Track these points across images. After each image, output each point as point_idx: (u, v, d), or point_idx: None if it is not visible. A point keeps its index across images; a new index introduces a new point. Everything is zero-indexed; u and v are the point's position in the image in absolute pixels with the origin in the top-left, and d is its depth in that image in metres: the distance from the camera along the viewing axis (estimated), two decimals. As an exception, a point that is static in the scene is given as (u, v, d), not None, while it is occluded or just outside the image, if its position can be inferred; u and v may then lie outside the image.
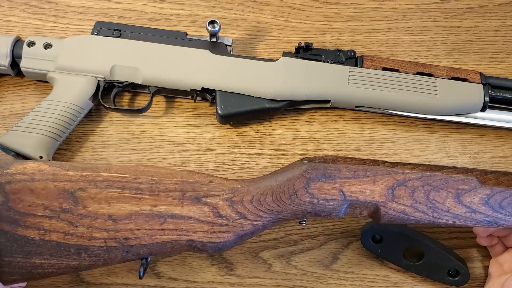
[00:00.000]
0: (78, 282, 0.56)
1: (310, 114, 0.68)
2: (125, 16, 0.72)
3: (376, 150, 0.66)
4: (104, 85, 0.63)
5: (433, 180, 0.49)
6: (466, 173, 0.51)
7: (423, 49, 0.74)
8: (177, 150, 0.64)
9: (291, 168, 0.50)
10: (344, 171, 0.48)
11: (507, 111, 0.67)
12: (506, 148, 0.68)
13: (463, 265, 0.57)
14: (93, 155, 0.63)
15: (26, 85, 0.67)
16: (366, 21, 0.76)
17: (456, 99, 0.65)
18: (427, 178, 0.49)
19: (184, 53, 0.64)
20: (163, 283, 0.57)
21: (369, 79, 0.65)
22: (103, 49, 0.64)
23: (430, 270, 0.57)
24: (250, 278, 0.58)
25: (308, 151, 0.66)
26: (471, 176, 0.49)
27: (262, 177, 0.51)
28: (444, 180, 0.49)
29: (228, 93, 0.63)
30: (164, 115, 0.66)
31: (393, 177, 0.48)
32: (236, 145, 0.65)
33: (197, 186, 0.48)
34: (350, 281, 0.59)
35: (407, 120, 0.69)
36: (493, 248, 0.59)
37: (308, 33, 0.74)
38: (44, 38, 0.64)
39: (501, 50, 0.75)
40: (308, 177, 0.48)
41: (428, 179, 0.49)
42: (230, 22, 0.74)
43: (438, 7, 0.78)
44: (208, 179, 0.49)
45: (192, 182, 0.48)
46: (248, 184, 0.50)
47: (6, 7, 0.71)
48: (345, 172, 0.48)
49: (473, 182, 0.49)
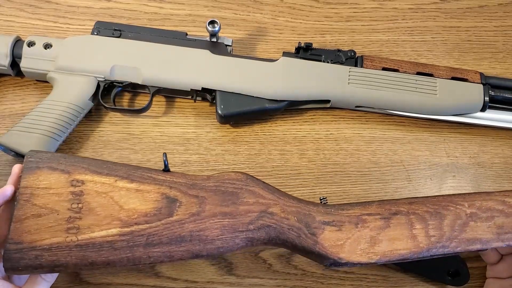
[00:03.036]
0: (78, 282, 0.56)
1: (310, 114, 0.68)
2: (125, 16, 0.72)
3: (376, 150, 0.66)
4: (104, 85, 0.63)
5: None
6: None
7: (423, 49, 0.74)
8: (177, 150, 0.64)
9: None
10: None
11: (507, 111, 0.67)
12: (506, 148, 0.68)
13: (463, 265, 0.57)
14: (93, 155, 0.63)
15: (26, 85, 0.67)
16: (366, 21, 0.76)
17: (456, 99, 0.65)
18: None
19: (184, 53, 0.64)
20: (163, 283, 0.57)
21: (369, 79, 0.65)
22: (103, 49, 0.64)
23: (430, 270, 0.57)
24: (250, 278, 0.58)
25: (308, 151, 0.66)
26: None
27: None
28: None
29: (228, 93, 0.63)
30: (164, 115, 0.66)
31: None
32: (236, 145, 0.65)
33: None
34: (350, 281, 0.59)
35: (407, 120, 0.69)
36: (488, 256, 0.57)
37: (308, 33, 0.74)
38: (44, 38, 0.64)
39: (501, 50, 0.75)
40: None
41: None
42: (230, 22, 0.74)
43: (438, 7, 0.78)
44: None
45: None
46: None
47: (6, 7, 0.71)
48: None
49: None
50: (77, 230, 0.46)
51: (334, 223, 0.48)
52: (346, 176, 0.64)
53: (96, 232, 0.46)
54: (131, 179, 0.48)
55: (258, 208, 0.48)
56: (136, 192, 0.47)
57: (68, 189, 0.47)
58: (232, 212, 0.47)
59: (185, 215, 0.47)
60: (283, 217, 0.48)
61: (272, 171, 0.64)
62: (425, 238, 0.48)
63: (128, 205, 0.47)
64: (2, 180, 0.60)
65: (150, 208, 0.47)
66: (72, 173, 0.47)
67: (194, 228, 0.47)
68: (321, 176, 0.64)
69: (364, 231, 0.48)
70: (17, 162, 0.61)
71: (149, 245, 0.46)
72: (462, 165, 0.66)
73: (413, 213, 0.49)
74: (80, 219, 0.46)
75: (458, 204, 0.49)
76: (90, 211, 0.46)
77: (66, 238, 0.45)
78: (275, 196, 0.49)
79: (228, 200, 0.48)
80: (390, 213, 0.49)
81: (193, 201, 0.47)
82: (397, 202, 0.50)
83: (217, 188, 0.49)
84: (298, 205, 0.49)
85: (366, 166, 0.65)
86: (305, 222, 0.48)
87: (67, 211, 0.46)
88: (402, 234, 0.48)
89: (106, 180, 0.47)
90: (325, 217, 0.48)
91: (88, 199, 0.46)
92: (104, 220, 0.46)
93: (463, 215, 0.49)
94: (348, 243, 0.47)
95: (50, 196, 0.46)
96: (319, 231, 0.48)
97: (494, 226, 0.49)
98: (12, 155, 0.59)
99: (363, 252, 0.47)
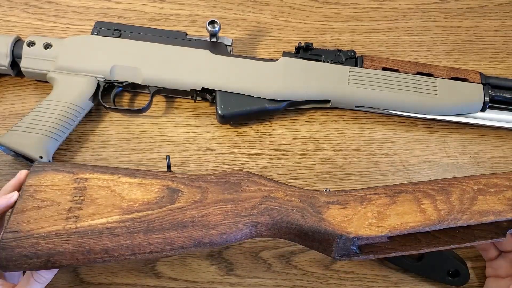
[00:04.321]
0: (78, 281, 0.56)
1: (310, 114, 0.68)
2: (125, 16, 0.72)
3: (376, 150, 0.66)
4: (104, 85, 0.63)
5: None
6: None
7: (423, 49, 0.74)
8: (177, 150, 0.64)
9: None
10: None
11: (507, 111, 0.67)
12: (506, 148, 0.68)
13: (463, 265, 0.57)
14: (93, 155, 0.63)
15: (26, 85, 0.67)
16: (366, 21, 0.76)
17: (456, 99, 0.65)
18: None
19: (184, 53, 0.64)
20: (163, 283, 0.57)
21: (369, 79, 0.65)
22: (103, 49, 0.64)
23: (430, 270, 0.57)
24: (250, 278, 0.58)
25: (308, 151, 0.66)
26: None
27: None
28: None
29: (228, 93, 0.63)
30: (164, 115, 0.66)
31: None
32: (236, 145, 0.65)
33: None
34: (350, 281, 0.59)
35: (407, 120, 0.69)
36: (487, 252, 0.57)
37: (308, 33, 0.74)
38: (44, 38, 0.64)
39: (501, 50, 0.75)
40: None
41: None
42: (230, 22, 0.74)
43: (438, 7, 0.78)
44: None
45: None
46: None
47: (6, 7, 0.71)
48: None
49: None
50: (76, 218, 0.45)
51: (338, 202, 0.48)
52: (346, 176, 0.64)
53: (96, 220, 0.45)
54: (134, 176, 0.48)
55: (260, 194, 0.48)
56: (139, 185, 0.48)
57: (71, 185, 0.47)
58: (235, 199, 0.47)
59: (187, 202, 0.47)
60: (286, 200, 0.48)
61: (272, 171, 0.64)
62: (435, 212, 0.47)
63: (130, 195, 0.47)
64: (2, 180, 0.60)
65: (152, 198, 0.47)
66: (77, 173, 0.48)
67: (196, 214, 0.46)
68: (321, 176, 0.64)
69: (370, 208, 0.47)
70: (17, 162, 0.61)
71: (150, 231, 0.45)
72: (462, 165, 0.66)
73: (419, 191, 0.48)
74: (80, 209, 0.46)
75: (464, 182, 0.49)
76: (92, 202, 0.46)
77: (65, 226, 0.45)
78: (277, 184, 0.49)
79: (231, 189, 0.48)
80: (395, 192, 0.48)
81: (195, 190, 0.48)
82: (400, 184, 0.49)
83: (219, 180, 0.49)
84: (300, 190, 0.49)
85: (366, 166, 0.65)
86: (308, 202, 0.48)
87: (68, 203, 0.46)
88: (410, 208, 0.47)
89: (109, 177, 0.48)
90: (329, 198, 0.48)
91: (90, 192, 0.47)
92: (105, 209, 0.46)
93: (470, 191, 0.48)
94: (355, 218, 0.47)
95: (53, 191, 0.46)
96: (324, 209, 0.47)
97: (504, 198, 0.48)
98: (12, 155, 0.59)
99: (372, 226, 0.46)
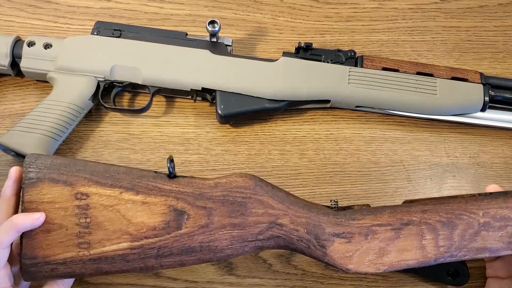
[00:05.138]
0: (78, 281, 0.56)
1: (310, 114, 0.68)
2: (125, 16, 0.72)
3: (376, 150, 0.66)
4: (104, 85, 0.63)
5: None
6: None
7: (423, 49, 0.74)
8: (177, 150, 0.64)
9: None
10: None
11: (507, 111, 0.67)
12: (506, 148, 0.68)
13: (463, 265, 0.57)
14: (93, 155, 0.63)
15: (26, 85, 0.67)
16: (366, 21, 0.76)
17: (456, 99, 0.65)
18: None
19: (184, 53, 0.64)
20: (163, 283, 0.57)
21: (369, 79, 0.65)
22: (103, 49, 0.64)
23: (430, 270, 0.57)
24: (250, 278, 0.58)
25: (308, 151, 0.66)
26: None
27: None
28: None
29: (228, 93, 0.63)
30: (164, 115, 0.66)
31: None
32: (236, 145, 0.65)
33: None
34: (350, 281, 0.59)
35: (407, 120, 0.69)
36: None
37: (308, 33, 0.74)
38: (44, 38, 0.64)
39: (501, 50, 0.75)
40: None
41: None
42: (230, 22, 0.74)
43: (438, 7, 0.78)
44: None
45: None
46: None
47: (6, 7, 0.71)
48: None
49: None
50: (88, 245, 0.46)
51: (344, 235, 0.48)
52: (346, 176, 0.64)
53: (107, 247, 0.46)
54: (136, 191, 0.47)
55: (267, 219, 0.48)
56: (143, 204, 0.47)
57: (73, 203, 0.47)
58: (241, 224, 0.48)
59: (194, 227, 0.47)
60: (292, 228, 0.48)
61: (272, 171, 0.64)
62: (434, 249, 0.48)
63: (136, 218, 0.47)
64: (2, 180, 0.60)
65: (158, 222, 0.47)
66: (75, 185, 0.47)
67: (203, 240, 0.47)
68: (321, 176, 0.64)
69: (373, 243, 0.48)
70: (17, 162, 0.61)
71: (160, 256, 0.47)
72: (462, 165, 0.66)
73: (425, 223, 0.48)
74: (90, 234, 0.46)
75: (472, 213, 0.48)
76: (99, 226, 0.47)
77: (79, 252, 0.46)
78: (285, 206, 0.49)
79: (237, 211, 0.48)
80: (401, 223, 0.48)
81: (201, 212, 0.47)
82: (409, 211, 0.49)
83: (225, 198, 0.48)
84: (308, 215, 0.48)
85: (366, 166, 0.65)
86: (314, 233, 0.48)
87: (75, 226, 0.46)
88: (412, 245, 0.48)
89: (111, 193, 0.47)
90: (335, 228, 0.48)
91: (95, 213, 0.47)
92: (114, 235, 0.47)
93: (476, 225, 0.48)
94: (357, 255, 0.47)
95: (56, 211, 0.46)
96: (329, 243, 0.48)
97: (506, 235, 0.48)
98: (12, 155, 0.59)
99: (371, 263, 0.47)
